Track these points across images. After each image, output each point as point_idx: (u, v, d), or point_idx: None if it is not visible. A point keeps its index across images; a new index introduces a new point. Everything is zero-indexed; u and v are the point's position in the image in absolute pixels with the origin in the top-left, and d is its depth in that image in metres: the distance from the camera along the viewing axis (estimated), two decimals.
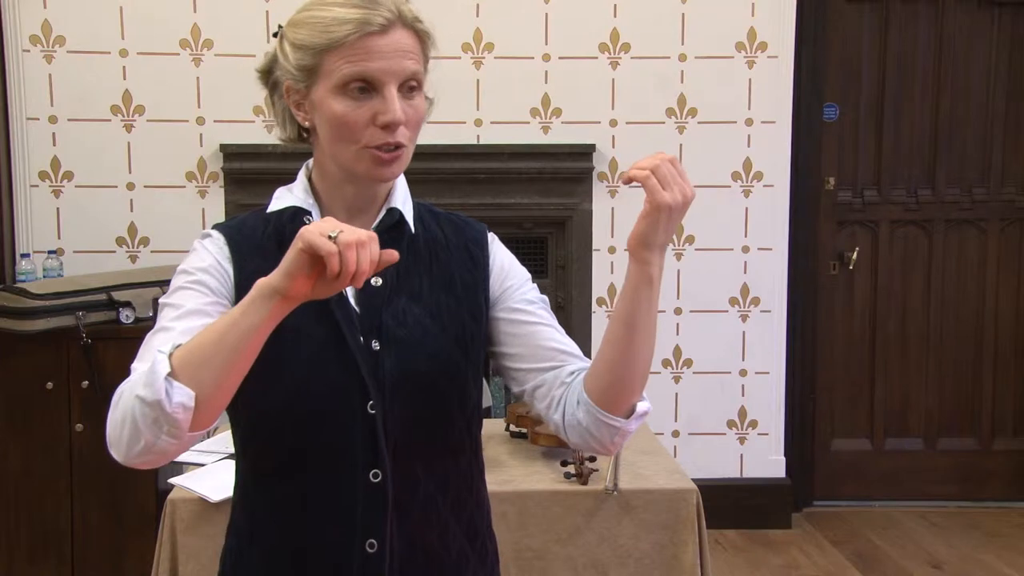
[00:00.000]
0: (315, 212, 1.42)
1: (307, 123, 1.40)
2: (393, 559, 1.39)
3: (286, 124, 1.45)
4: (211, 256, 1.39)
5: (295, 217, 1.41)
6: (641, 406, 1.39)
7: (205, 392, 1.19)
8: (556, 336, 1.46)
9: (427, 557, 1.42)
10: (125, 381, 1.26)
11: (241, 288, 1.37)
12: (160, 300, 1.39)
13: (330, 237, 1.13)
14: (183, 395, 1.18)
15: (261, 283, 1.19)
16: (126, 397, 1.22)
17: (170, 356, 1.20)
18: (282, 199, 1.45)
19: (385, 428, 1.37)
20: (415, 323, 1.40)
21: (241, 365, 1.20)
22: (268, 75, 1.45)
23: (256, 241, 1.41)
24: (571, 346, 1.47)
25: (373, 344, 1.37)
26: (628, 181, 1.28)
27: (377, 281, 1.40)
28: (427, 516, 1.41)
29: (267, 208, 1.45)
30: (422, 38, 1.38)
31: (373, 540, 1.38)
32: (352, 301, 1.40)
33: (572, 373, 1.43)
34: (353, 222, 1.42)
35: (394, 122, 1.33)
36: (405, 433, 1.38)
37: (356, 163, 1.37)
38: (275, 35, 1.42)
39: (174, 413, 1.18)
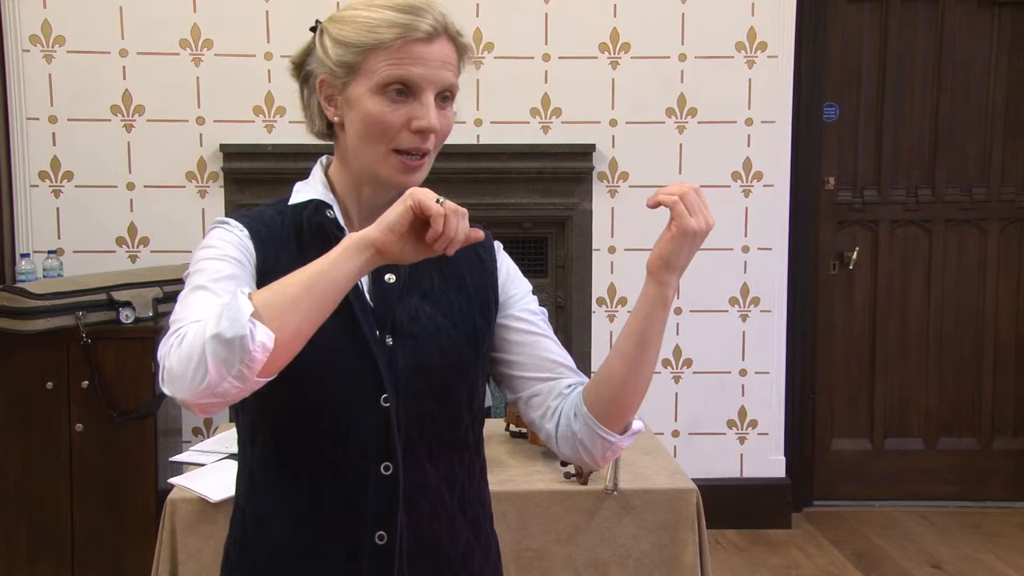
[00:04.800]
0: (335, 205, 1.43)
1: (336, 118, 1.41)
2: (402, 552, 1.40)
3: (315, 118, 1.45)
4: (234, 236, 1.39)
5: (318, 209, 1.42)
6: (635, 424, 1.44)
7: (285, 335, 1.18)
8: (555, 349, 1.49)
9: (435, 549, 1.43)
10: (179, 327, 1.21)
11: (263, 274, 1.36)
12: (186, 274, 1.35)
13: (437, 201, 1.20)
14: (265, 335, 1.16)
15: (354, 236, 1.22)
16: (194, 335, 1.18)
17: (250, 297, 1.18)
18: (302, 192, 1.46)
19: (398, 422, 1.38)
20: (428, 320, 1.42)
21: (324, 313, 1.21)
22: (300, 68, 1.46)
23: (275, 231, 1.42)
24: (569, 360, 1.50)
25: (387, 340, 1.39)
26: (655, 205, 1.34)
27: (390, 278, 1.42)
28: (435, 509, 1.43)
29: (288, 200, 1.46)
30: (461, 52, 1.42)
31: (383, 532, 1.39)
32: (367, 297, 1.41)
33: (570, 386, 1.46)
34: (368, 221, 1.43)
35: (429, 128, 1.36)
36: (415, 427, 1.40)
37: (381, 166, 1.38)
38: (312, 29, 1.44)
39: (254, 352, 1.15)
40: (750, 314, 4.35)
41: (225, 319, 1.15)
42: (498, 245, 1.55)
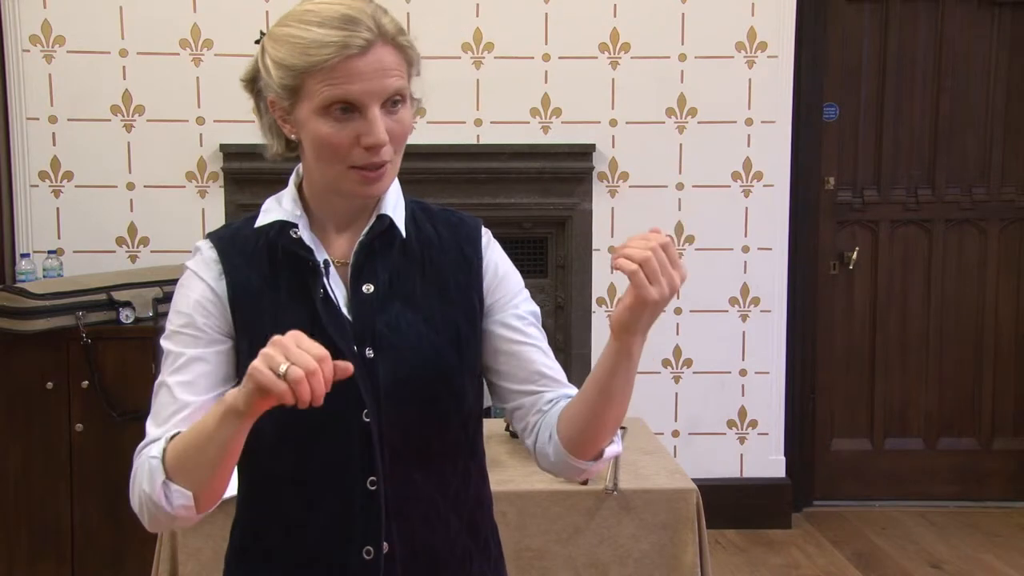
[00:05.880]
0: (302, 224, 1.41)
1: (293, 136, 1.39)
2: (394, 564, 1.39)
3: (273, 138, 1.44)
4: (200, 283, 1.40)
5: (282, 231, 1.41)
6: (610, 450, 1.42)
7: (200, 488, 1.29)
8: (541, 359, 1.46)
9: (431, 558, 1.43)
10: (139, 449, 1.34)
11: (235, 302, 1.39)
12: (161, 341, 1.41)
13: (279, 375, 1.14)
14: (181, 497, 1.28)
15: (227, 401, 1.22)
16: (138, 482, 1.32)
17: (164, 458, 1.29)
18: (270, 212, 1.44)
19: (380, 436, 1.37)
20: (409, 328, 1.40)
21: (228, 465, 1.28)
22: (253, 84, 1.43)
23: (248, 253, 1.41)
24: (554, 370, 1.47)
25: (367, 352, 1.37)
26: (617, 269, 1.27)
27: (369, 288, 1.40)
28: (428, 518, 1.42)
29: (255, 221, 1.44)
30: (405, 51, 1.36)
31: (370, 547, 1.38)
32: (344, 310, 1.40)
33: (550, 401, 1.44)
34: (343, 230, 1.44)
35: (377, 144, 1.32)
36: (401, 439, 1.38)
37: (341, 182, 1.37)
38: (257, 42, 1.40)
39: (176, 513, 1.29)
40: (750, 314, 4.35)
41: (147, 483, 1.30)
42: (486, 236, 1.51)
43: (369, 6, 1.33)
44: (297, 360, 1.14)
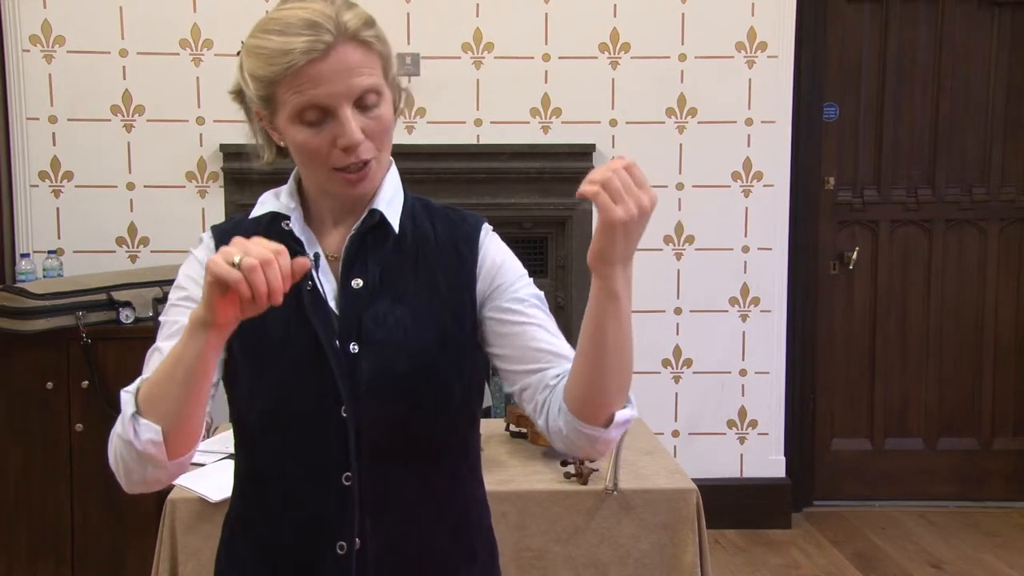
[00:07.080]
0: (295, 216, 1.43)
1: (282, 143, 1.41)
2: (367, 561, 1.39)
3: (264, 146, 1.45)
4: (198, 264, 1.42)
5: (272, 223, 1.43)
6: (621, 415, 1.35)
7: (169, 424, 1.24)
8: (544, 336, 1.43)
9: (407, 558, 1.42)
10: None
11: None
12: (160, 318, 1.42)
13: (234, 264, 1.13)
14: (149, 431, 1.24)
15: (192, 315, 1.20)
16: (114, 431, 1.29)
17: (137, 394, 1.27)
18: (265, 204, 1.46)
19: (358, 431, 1.37)
20: (395, 324, 1.39)
21: (195, 393, 1.23)
22: (240, 95, 1.44)
23: None
24: (559, 346, 1.44)
25: (351, 347, 1.37)
26: (582, 196, 1.24)
27: (358, 283, 1.40)
28: (406, 517, 1.41)
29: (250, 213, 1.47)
30: (371, 46, 1.34)
31: (343, 542, 1.39)
32: (332, 305, 1.40)
33: (557, 376, 1.40)
34: (339, 225, 1.45)
35: (352, 145, 1.33)
36: (381, 436, 1.38)
37: (327, 184, 1.38)
38: (238, 54, 1.41)
39: (145, 449, 1.24)
40: (750, 314, 4.35)
41: (119, 424, 1.27)
42: (485, 231, 1.49)
43: (331, 7, 1.32)
44: (251, 252, 1.14)
